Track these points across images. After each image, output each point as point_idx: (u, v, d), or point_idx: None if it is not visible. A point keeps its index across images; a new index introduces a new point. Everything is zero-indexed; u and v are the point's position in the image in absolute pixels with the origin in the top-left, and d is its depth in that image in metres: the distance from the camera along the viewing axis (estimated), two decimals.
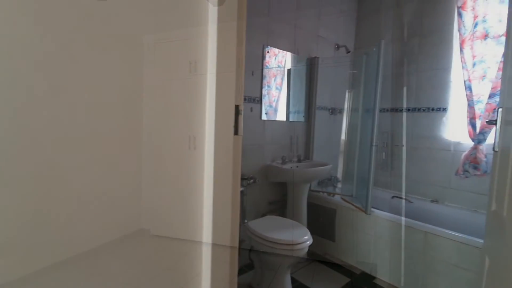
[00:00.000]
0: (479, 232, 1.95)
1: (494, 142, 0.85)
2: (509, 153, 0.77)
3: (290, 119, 2.31)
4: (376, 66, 1.87)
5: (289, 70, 2.29)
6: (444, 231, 1.64)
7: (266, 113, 2.07)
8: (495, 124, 0.84)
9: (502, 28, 1.93)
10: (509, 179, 0.72)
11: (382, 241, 1.91)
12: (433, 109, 2.36)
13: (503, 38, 1.93)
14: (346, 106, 2.71)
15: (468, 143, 2.13)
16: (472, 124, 2.03)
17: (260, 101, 2.02)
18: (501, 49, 1.92)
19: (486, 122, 0.84)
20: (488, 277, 0.82)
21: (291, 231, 1.58)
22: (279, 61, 2.19)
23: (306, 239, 1.50)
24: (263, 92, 2.05)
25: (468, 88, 2.06)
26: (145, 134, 1.27)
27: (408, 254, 1.78)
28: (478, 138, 1.99)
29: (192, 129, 1.23)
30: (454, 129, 2.24)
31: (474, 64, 2.05)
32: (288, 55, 2.25)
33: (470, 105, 2.04)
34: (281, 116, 2.24)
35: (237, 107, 0.76)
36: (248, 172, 1.98)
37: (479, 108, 2.02)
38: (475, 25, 2.05)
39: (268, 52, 2.07)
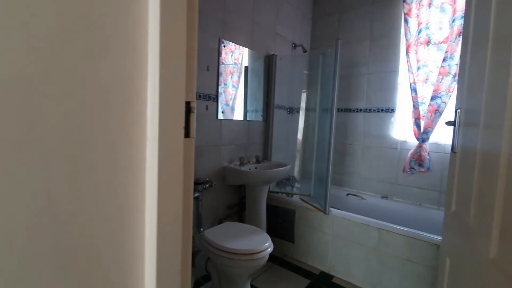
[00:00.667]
0: (425, 226, 2.11)
1: (453, 144, 0.84)
2: (468, 154, 0.75)
3: (248, 118, 2.21)
4: (334, 65, 1.87)
5: (246, 68, 2.18)
6: (395, 227, 1.70)
7: (222, 112, 1.94)
8: (454, 125, 0.84)
9: (442, 35, 2.09)
10: (469, 179, 0.70)
11: (340, 239, 1.93)
12: (382, 110, 2.48)
13: (443, 45, 2.10)
14: (303, 105, 2.72)
15: (413, 142, 2.28)
16: (417, 124, 2.17)
17: (216, 99, 1.87)
18: (441, 55, 2.08)
19: (446, 123, 0.82)
20: (449, 277, 0.82)
21: (251, 238, 1.48)
22: (236, 58, 2.07)
23: (266, 246, 1.42)
24: (219, 90, 1.91)
25: (414, 90, 2.19)
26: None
27: (364, 252, 1.83)
28: (422, 137, 2.14)
29: (125, 130, 1.03)
30: (401, 128, 2.39)
31: (418, 68, 2.19)
32: (245, 52, 2.14)
33: (415, 106, 2.18)
34: (239, 115, 2.12)
35: (188, 104, 0.61)
36: (204, 175, 1.82)
37: (423, 109, 2.16)
38: (419, 31, 2.19)
39: (224, 47, 1.94)
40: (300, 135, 2.79)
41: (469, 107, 0.77)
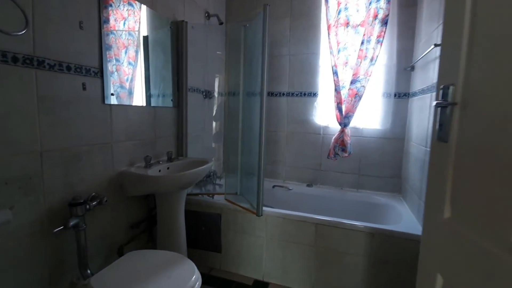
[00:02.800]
0: (350, 209, 2.13)
1: (440, 130, 0.64)
2: (477, 146, 0.54)
3: (153, 104, 1.66)
4: (262, 39, 1.54)
5: (145, 38, 1.60)
6: (332, 220, 1.58)
7: (113, 95, 1.34)
8: (442, 107, 0.62)
9: (359, 18, 2.06)
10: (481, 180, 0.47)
11: (274, 241, 1.70)
12: (305, 94, 2.35)
13: (361, 28, 2.07)
14: (222, 88, 2.32)
15: (335, 127, 2.25)
16: (339, 109, 2.12)
17: (100, 74, 1.26)
18: (359, 38, 2.05)
19: (436, 105, 0.58)
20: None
21: (168, 276, 1.03)
22: (130, 27, 1.47)
23: (191, 285, 1.00)
24: (109, 68, 1.30)
25: (335, 73, 2.12)
26: None
27: (300, 250, 1.64)
28: (344, 122, 2.10)
29: None
30: (323, 113, 2.32)
31: (339, 51, 2.12)
32: (144, 16, 1.56)
33: (337, 90, 2.12)
34: (139, 100, 1.56)
35: None
36: (86, 189, 1.22)
37: (344, 94, 2.12)
38: (339, 12, 2.10)
39: (112, 9, 1.32)
40: (217, 123, 2.41)
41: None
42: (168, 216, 1.55)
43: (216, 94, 2.35)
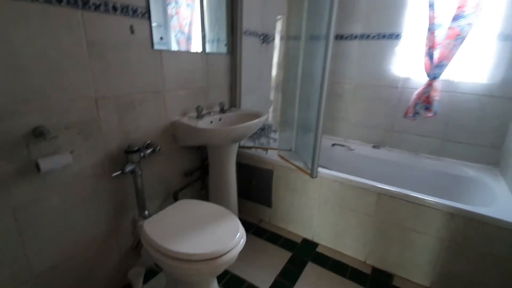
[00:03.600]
0: (426, 179, 1.82)
1: None
2: None
3: (208, 50, 1.54)
4: None
5: None
6: (399, 192, 1.34)
7: (162, 39, 1.25)
8: None
9: None
10: None
11: (328, 205, 1.57)
12: (384, 36, 1.90)
13: None
14: (282, 31, 2.04)
15: (419, 79, 1.81)
16: (430, 55, 1.66)
17: (147, 14, 1.16)
18: None
19: None
20: None
21: (213, 230, 1.03)
22: None
23: (235, 243, 0.98)
24: (168, 11, 1.20)
25: (431, 6, 1.61)
26: None
27: (357, 219, 1.50)
28: (435, 72, 1.66)
29: None
30: (406, 61, 1.87)
31: None
32: None
33: (431, 30, 1.63)
34: (194, 46, 1.45)
35: None
36: (142, 137, 1.25)
37: (440, 35, 1.63)
38: None
39: None
40: (276, 72, 2.20)
41: None
42: (219, 168, 1.54)
43: (276, 39, 2.09)
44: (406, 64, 1.86)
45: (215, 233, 1.01)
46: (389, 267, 1.47)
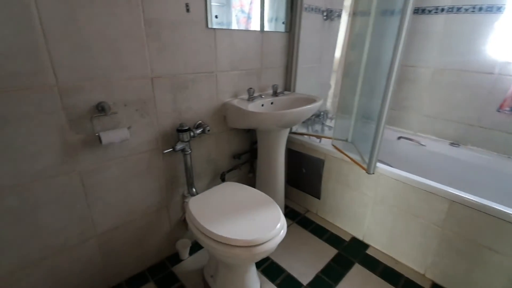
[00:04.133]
0: None
1: None
2: None
3: (265, 29, 1.46)
4: None
5: None
6: (478, 202, 1.10)
7: (217, 17, 1.21)
8: None
9: None
10: None
11: (385, 205, 1.40)
12: (481, 9, 1.53)
13: None
14: (348, 5, 1.82)
15: None
16: None
17: None
18: None
19: None
20: None
21: (253, 217, 1.00)
22: None
23: (274, 233, 0.94)
24: None
25: None
26: None
27: (420, 226, 1.30)
28: None
29: None
30: (507, 41, 1.48)
31: None
32: None
33: None
34: (253, 25, 1.38)
35: None
36: (193, 117, 1.27)
37: None
38: None
39: None
40: (339, 53, 1.99)
41: None
42: (267, 153, 1.50)
43: (342, 14, 1.88)
44: (507, 45, 1.48)
45: (256, 220, 0.98)
46: (453, 285, 1.25)
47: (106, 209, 1.10)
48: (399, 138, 1.90)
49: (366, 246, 1.52)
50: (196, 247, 1.48)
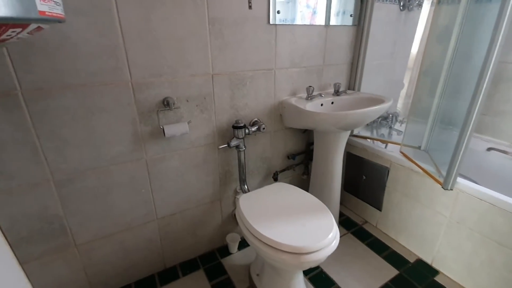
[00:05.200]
0: None
1: None
2: None
3: (331, 23, 1.37)
4: None
5: None
6: None
7: (279, 13, 1.18)
8: None
9: None
10: None
11: (463, 228, 1.18)
12: None
13: None
14: None
15: None
16: None
17: None
18: None
19: None
20: None
21: (303, 222, 0.95)
22: None
23: (326, 243, 0.87)
24: None
25: None
26: None
27: (509, 258, 1.05)
28: None
29: None
30: None
31: None
32: None
33: None
34: (318, 20, 1.32)
35: None
36: (249, 114, 1.27)
37: None
38: None
39: None
40: (416, 48, 1.76)
41: None
42: (324, 156, 1.41)
43: (423, 3, 1.64)
44: None
45: (306, 226, 0.93)
46: None
47: (166, 196, 1.19)
48: (489, 149, 1.57)
49: (435, 272, 1.31)
50: (245, 242, 1.50)
